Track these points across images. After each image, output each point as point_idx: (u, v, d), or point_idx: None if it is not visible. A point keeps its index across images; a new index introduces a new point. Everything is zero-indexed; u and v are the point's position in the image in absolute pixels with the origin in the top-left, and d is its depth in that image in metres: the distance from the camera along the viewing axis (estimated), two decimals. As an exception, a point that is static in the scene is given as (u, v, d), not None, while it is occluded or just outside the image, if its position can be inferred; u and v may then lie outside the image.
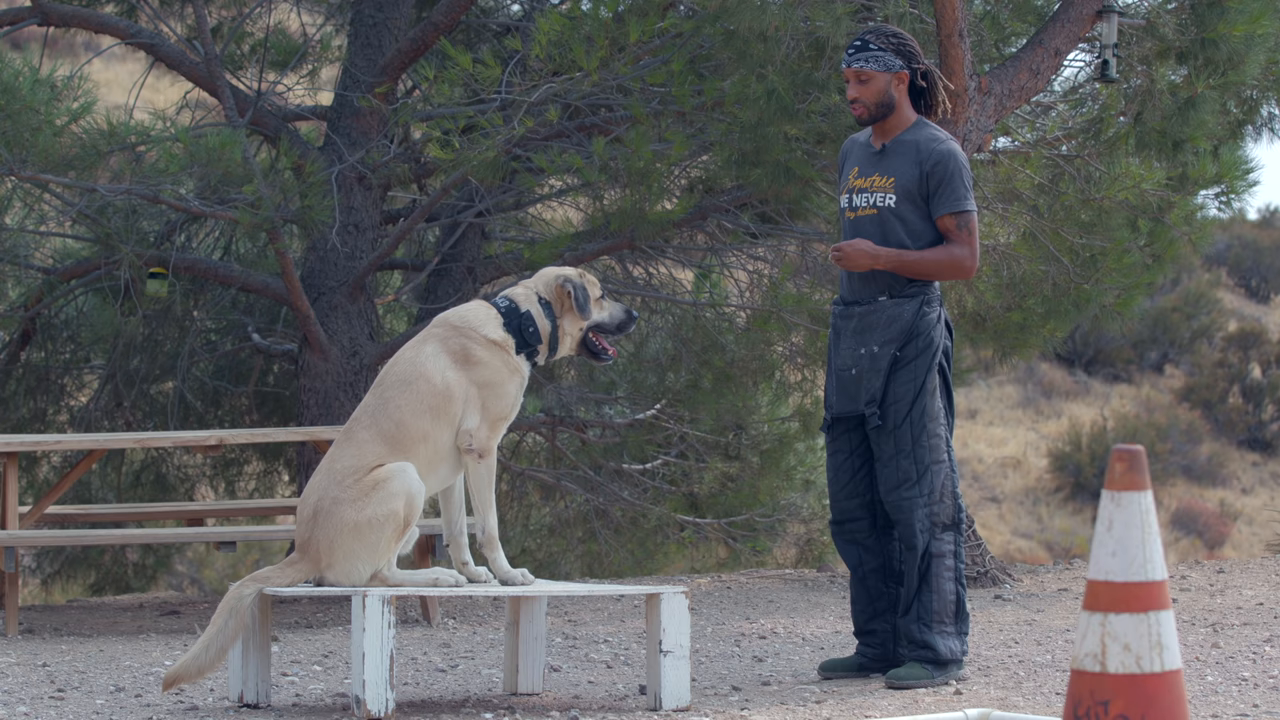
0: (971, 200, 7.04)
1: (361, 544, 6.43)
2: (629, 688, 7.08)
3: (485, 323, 6.68)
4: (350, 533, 6.41)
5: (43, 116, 9.62)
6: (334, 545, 6.43)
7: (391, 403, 6.55)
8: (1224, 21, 9.68)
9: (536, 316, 6.71)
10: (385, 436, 6.51)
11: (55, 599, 13.23)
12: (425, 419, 6.54)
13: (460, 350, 6.62)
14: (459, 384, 6.58)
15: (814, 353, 11.27)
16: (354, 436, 6.56)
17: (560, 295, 6.76)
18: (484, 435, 6.58)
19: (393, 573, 6.47)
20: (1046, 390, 32.53)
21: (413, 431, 6.52)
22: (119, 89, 19.12)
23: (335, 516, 6.43)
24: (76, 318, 12.30)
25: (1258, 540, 27.01)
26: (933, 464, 6.98)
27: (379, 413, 6.56)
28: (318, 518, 6.47)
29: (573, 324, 6.78)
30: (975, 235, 7.04)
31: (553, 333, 6.73)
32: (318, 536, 6.46)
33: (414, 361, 6.60)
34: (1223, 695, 6.69)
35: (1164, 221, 10.38)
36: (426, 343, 6.65)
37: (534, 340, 6.68)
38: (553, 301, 6.76)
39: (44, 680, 7.40)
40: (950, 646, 6.99)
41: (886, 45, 7.08)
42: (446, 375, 6.57)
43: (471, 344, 6.63)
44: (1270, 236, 38.51)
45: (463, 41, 11.80)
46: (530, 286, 6.78)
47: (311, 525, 6.48)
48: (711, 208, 10.79)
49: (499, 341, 6.64)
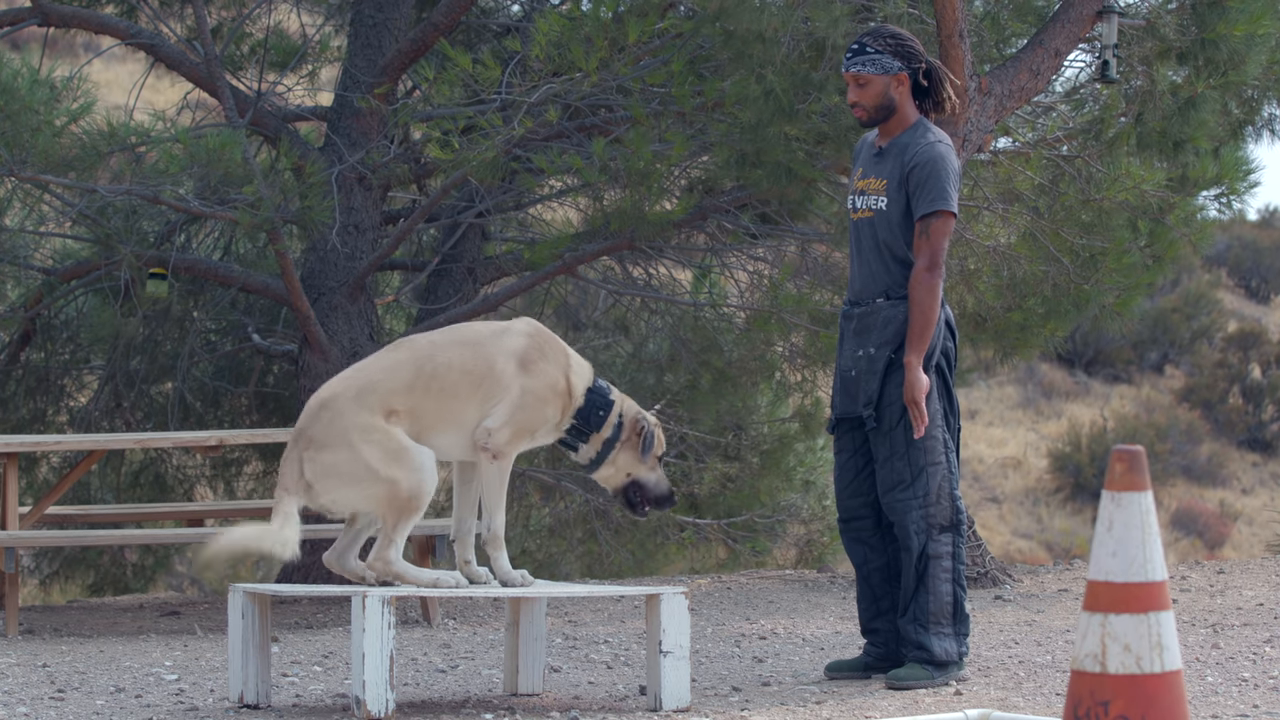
0: (945, 201, 6.95)
1: (353, 475, 6.44)
2: (629, 688, 7.08)
3: (580, 366, 6.70)
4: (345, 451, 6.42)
5: (42, 117, 9.62)
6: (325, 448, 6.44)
7: (449, 350, 6.55)
8: (1224, 22, 9.67)
9: (610, 420, 6.69)
10: (420, 371, 6.50)
11: (55, 599, 13.23)
12: (465, 383, 6.54)
13: (537, 351, 6.61)
14: (512, 377, 6.56)
15: (814, 353, 11.26)
16: (398, 352, 6.57)
17: (633, 429, 6.74)
18: (503, 438, 6.55)
19: (399, 560, 6.47)
20: (1046, 391, 32.54)
21: (447, 386, 6.51)
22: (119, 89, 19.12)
23: (342, 423, 6.43)
24: (76, 318, 12.30)
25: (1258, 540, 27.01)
26: (928, 466, 6.98)
27: (433, 351, 6.55)
28: (323, 413, 6.49)
29: (625, 460, 6.75)
30: (936, 238, 6.93)
31: (608, 442, 6.71)
32: (315, 434, 6.47)
33: (495, 334, 6.61)
34: (1223, 696, 6.69)
35: (1164, 222, 10.38)
36: (515, 330, 6.64)
37: (593, 427, 6.68)
38: (625, 426, 6.74)
39: (44, 681, 7.39)
40: (946, 648, 6.98)
41: (884, 48, 7.07)
42: (509, 365, 6.56)
43: (552, 358, 6.62)
44: (1270, 237, 38.52)
45: (462, 42, 11.80)
46: (621, 399, 6.77)
47: (315, 418, 6.49)
48: (711, 208, 10.79)
49: (571, 386, 6.64)
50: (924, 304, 6.91)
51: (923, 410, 6.89)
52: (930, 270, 6.92)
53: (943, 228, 6.95)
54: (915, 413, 6.90)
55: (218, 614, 9.97)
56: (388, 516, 6.45)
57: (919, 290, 6.92)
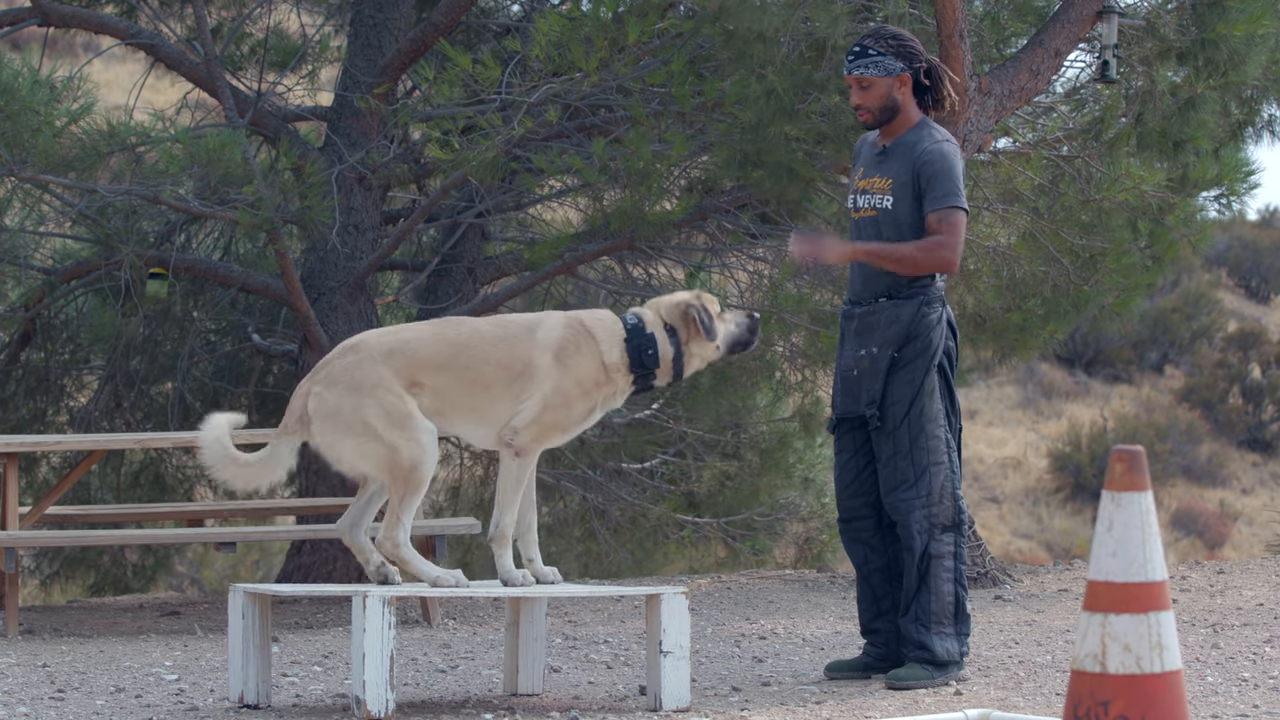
0: (958, 198, 6.98)
1: (351, 424, 6.43)
2: (629, 688, 7.08)
3: (608, 339, 6.67)
4: (353, 402, 6.42)
5: (42, 117, 9.62)
6: (337, 387, 6.43)
7: (488, 345, 6.55)
8: (1224, 22, 9.67)
9: (661, 342, 6.71)
10: (457, 356, 6.50)
11: (55, 600, 13.23)
12: (499, 372, 6.53)
13: (573, 345, 6.60)
14: (546, 371, 6.56)
15: (814, 353, 11.26)
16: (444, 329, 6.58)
17: (686, 321, 6.76)
18: (528, 437, 6.55)
19: (407, 546, 6.47)
20: (1046, 391, 32.54)
21: (480, 378, 6.51)
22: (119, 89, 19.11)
23: (360, 372, 6.43)
24: (76, 318, 12.30)
25: (1258, 541, 27.01)
26: (931, 465, 6.98)
27: (475, 340, 6.55)
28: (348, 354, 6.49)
29: (700, 348, 6.78)
30: (958, 230, 6.97)
31: (676, 358, 6.73)
32: (331, 371, 6.48)
33: (530, 328, 6.60)
34: (1223, 696, 6.69)
35: (1164, 223, 10.38)
36: (549, 323, 6.63)
37: (652, 364, 6.69)
38: (679, 328, 6.75)
39: (44, 681, 7.39)
40: (948, 648, 6.99)
41: (886, 49, 7.08)
42: (545, 357, 6.56)
43: (586, 349, 6.62)
44: (1270, 237, 38.51)
45: (462, 42, 11.80)
46: (656, 309, 6.77)
47: (339, 356, 6.50)
48: (711, 208, 10.79)
49: (609, 365, 6.64)
50: (914, 256, 6.94)
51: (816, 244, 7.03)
52: (949, 250, 6.94)
53: (961, 222, 6.99)
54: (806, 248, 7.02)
55: (218, 614, 9.97)
56: (392, 487, 6.44)
57: (927, 245, 6.94)
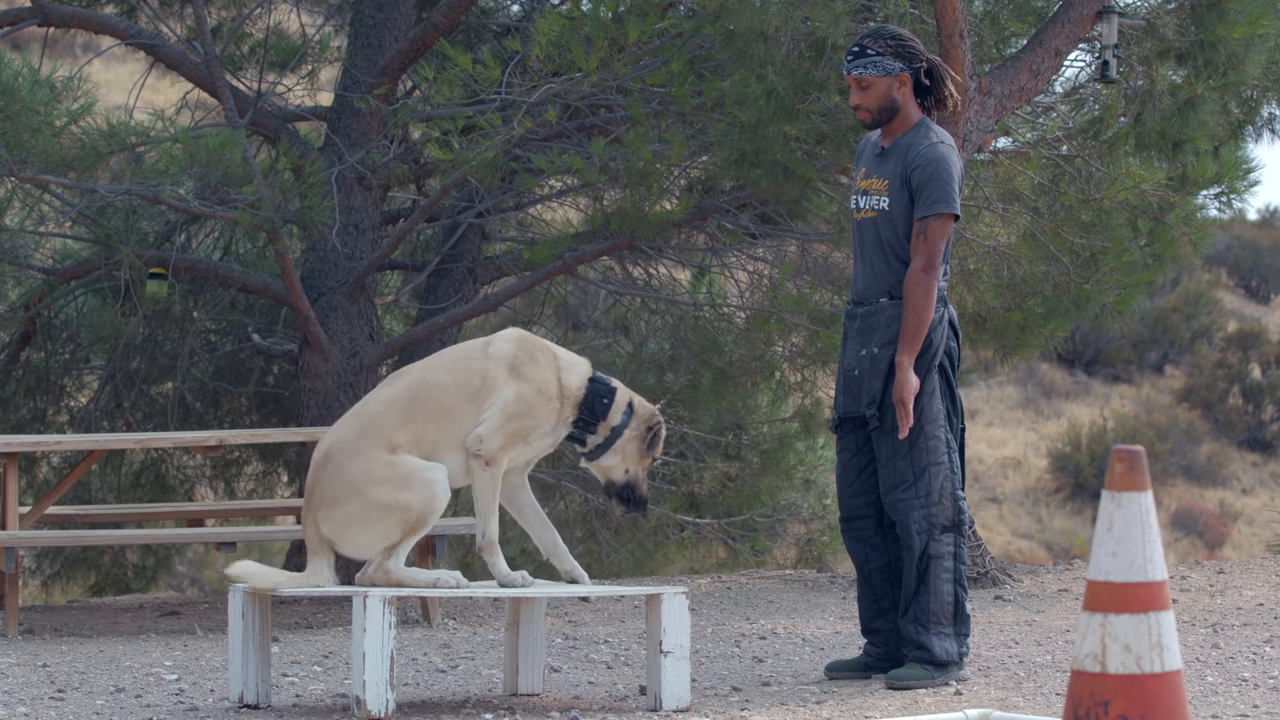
0: (944, 203, 6.95)
1: (365, 517, 6.44)
2: (629, 688, 7.08)
3: (573, 365, 6.64)
4: (355, 497, 6.42)
5: (42, 117, 9.62)
6: (337, 501, 6.44)
7: (440, 372, 6.54)
8: (1224, 22, 9.67)
9: (616, 407, 6.63)
10: (416, 399, 6.50)
11: (55, 600, 13.23)
12: (459, 395, 6.52)
13: (526, 355, 6.57)
14: (504, 382, 6.54)
15: (814, 353, 11.27)
16: (393, 385, 6.58)
17: (645, 420, 6.68)
18: (494, 444, 6.53)
19: (399, 567, 6.47)
20: (1046, 391, 32.54)
21: (445, 407, 6.50)
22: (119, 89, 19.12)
23: (347, 472, 6.43)
24: (76, 318, 12.30)
25: (1258, 541, 27.02)
26: (931, 465, 6.98)
27: (425, 375, 6.55)
28: (328, 465, 6.49)
29: (631, 450, 6.69)
30: (934, 239, 6.92)
31: (615, 433, 6.65)
32: (324, 491, 6.48)
33: (482, 346, 6.60)
34: (1223, 696, 6.69)
35: (1164, 222, 10.38)
36: (501, 339, 6.62)
37: (601, 414, 6.61)
38: (636, 417, 6.68)
39: (44, 681, 7.39)
40: (946, 648, 6.99)
41: (885, 49, 7.07)
42: (500, 370, 6.54)
43: (542, 360, 6.58)
44: (1270, 236, 38.53)
45: (462, 42, 11.80)
46: (630, 392, 6.71)
47: (322, 471, 6.50)
48: (711, 208, 10.79)
49: (565, 385, 6.58)
50: (918, 304, 6.92)
51: (909, 410, 6.90)
52: (926, 271, 6.93)
53: (941, 229, 6.95)
54: (902, 412, 6.91)
55: (218, 614, 9.97)
56: (404, 535, 6.47)
57: (914, 290, 6.92)
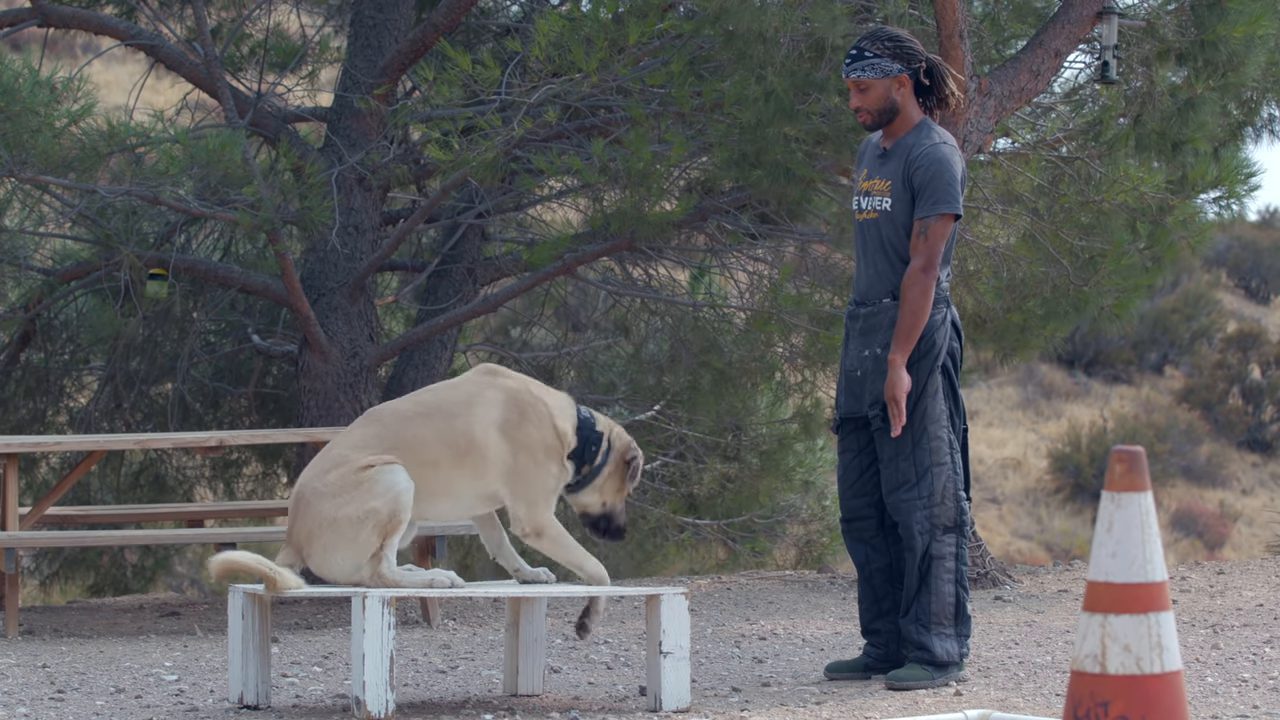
0: (948, 204, 6.95)
1: (339, 538, 6.43)
2: (629, 689, 7.08)
3: (561, 407, 6.62)
4: (327, 526, 6.41)
5: (42, 118, 9.62)
6: (312, 537, 6.44)
7: (418, 423, 6.50)
8: (1224, 23, 9.68)
9: (601, 449, 6.64)
10: (389, 448, 6.47)
11: (55, 600, 13.23)
12: (447, 455, 6.49)
13: (517, 415, 6.53)
14: (501, 452, 6.53)
15: (814, 354, 11.27)
16: (367, 427, 6.54)
17: (622, 456, 6.70)
18: (541, 519, 6.54)
19: (390, 569, 6.47)
20: (1046, 391, 32.54)
21: (426, 459, 6.47)
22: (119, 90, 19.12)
23: (316, 509, 6.43)
24: (76, 319, 12.30)
25: (1258, 541, 27.01)
26: (933, 466, 6.98)
27: (400, 425, 6.50)
28: (299, 507, 6.50)
29: (610, 486, 6.70)
30: (934, 240, 6.93)
31: (591, 474, 6.67)
32: (299, 532, 6.49)
33: (467, 403, 6.54)
34: (1223, 696, 6.69)
35: (1163, 224, 10.38)
36: (486, 400, 6.55)
37: (590, 458, 6.62)
38: (614, 452, 6.69)
39: (44, 681, 7.39)
40: (947, 648, 6.99)
41: (883, 51, 7.07)
42: (491, 436, 6.51)
43: (533, 417, 6.54)
44: (1270, 237, 38.52)
45: (462, 43, 11.80)
46: (609, 425, 6.70)
47: (295, 515, 6.51)
48: (711, 209, 10.79)
49: (561, 433, 6.57)
50: (915, 303, 6.93)
51: (901, 408, 6.92)
52: (925, 270, 6.93)
53: (941, 230, 6.95)
54: (894, 410, 6.92)
55: (218, 614, 9.97)
56: (381, 539, 6.47)
57: (912, 290, 6.93)
